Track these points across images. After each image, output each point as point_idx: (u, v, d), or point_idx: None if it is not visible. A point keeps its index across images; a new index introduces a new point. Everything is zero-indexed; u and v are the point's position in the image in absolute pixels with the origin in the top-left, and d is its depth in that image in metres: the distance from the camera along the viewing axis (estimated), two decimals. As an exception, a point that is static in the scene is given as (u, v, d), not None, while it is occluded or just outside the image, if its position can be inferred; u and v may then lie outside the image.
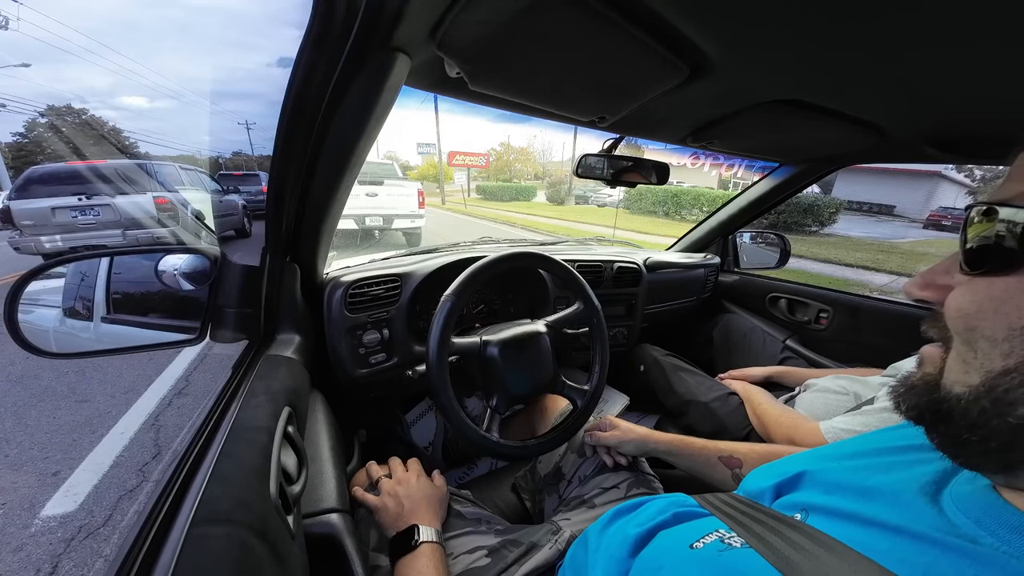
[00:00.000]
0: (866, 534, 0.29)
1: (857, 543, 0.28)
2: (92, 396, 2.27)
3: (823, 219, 12.73)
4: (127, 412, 2.11)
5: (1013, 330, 0.22)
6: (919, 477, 0.31)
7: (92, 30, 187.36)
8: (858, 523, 0.30)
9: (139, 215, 5.04)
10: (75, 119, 46.53)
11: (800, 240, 10.56)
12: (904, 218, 21.75)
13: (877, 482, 0.33)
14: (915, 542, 0.27)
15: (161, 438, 1.93)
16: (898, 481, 0.32)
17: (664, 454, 0.72)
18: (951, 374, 0.26)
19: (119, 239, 4.92)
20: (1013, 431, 0.22)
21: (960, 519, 0.26)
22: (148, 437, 1.93)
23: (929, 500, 0.29)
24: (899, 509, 0.29)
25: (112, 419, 2.05)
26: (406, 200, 6.51)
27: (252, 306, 0.69)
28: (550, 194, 26.14)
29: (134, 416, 2.08)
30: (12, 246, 4.78)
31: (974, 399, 0.24)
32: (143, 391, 2.31)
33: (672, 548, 0.38)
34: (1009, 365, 0.22)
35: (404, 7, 0.42)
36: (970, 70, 0.51)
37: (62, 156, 30.06)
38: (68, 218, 4.80)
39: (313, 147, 0.57)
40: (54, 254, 4.65)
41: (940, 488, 0.29)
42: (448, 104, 39.10)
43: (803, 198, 12.16)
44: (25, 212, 4.67)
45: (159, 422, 2.05)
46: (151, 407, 2.17)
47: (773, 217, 11.95)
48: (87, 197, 4.84)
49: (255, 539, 0.36)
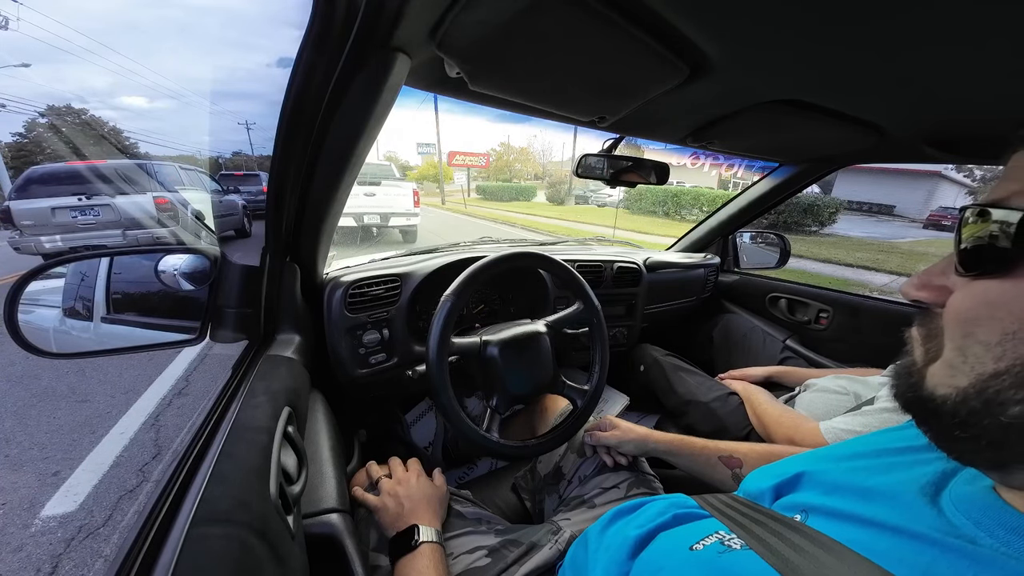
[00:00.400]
0: (866, 535, 0.29)
1: (857, 544, 0.28)
2: (92, 396, 2.27)
3: (823, 219, 12.69)
4: (127, 412, 2.11)
5: (1006, 334, 0.22)
6: (919, 478, 0.31)
7: (92, 30, 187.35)
8: (858, 524, 0.30)
9: (139, 215, 5.06)
10: (75, 119, 46.52)
11: (800, 240, 10.52)
12: (904, 218, 21.75)
13: (877, 483, 0.33)
14: (914, 542, 0.27)
15: (161, 438, 1.93)
16: (898, 482, 0.32)
17: (664, 454, 0.71)
18: (934, 378, 0.26)
19: (119, 239, 4.93)
20: (1004, 430, 0.22)
21: (959, 520, 0.26)
22: (148, 437, 1.93)
23: (929, 501, 0.29)
24: (899, 509, 0.29)
25: (112, 419, 2.05)
26: (402, 199, 6.85)
27: (252, 306, 0.69)
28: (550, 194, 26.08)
29: (134, 416, 2.08)
30: (12, 246, 4.80)
31: (962, 400, 0.24)
32: (143, 391, 2.31)
33: (672, 550, 0.38)
34: (1000, 368, 0.22)
35: (404, 7, 0.42)
36: (970, 70, 0.51)
37: (62, 156, 30.02)
38: (68, 218, 4.81)
39: (313, 147, 0.57)
40: (54, 254, 4.60)
41: (940, 489, 0.29)
42: (448, 104, 39.08)
43: (803, 198, 12.14)
44: (25, 212, 4.68)
45: (159, 422, 2.05)
46: (151, 407, 2.17)
47: (773, 217, 11.92)
48: (87, 197, 4.84)
49: (255, 539, 0.36)
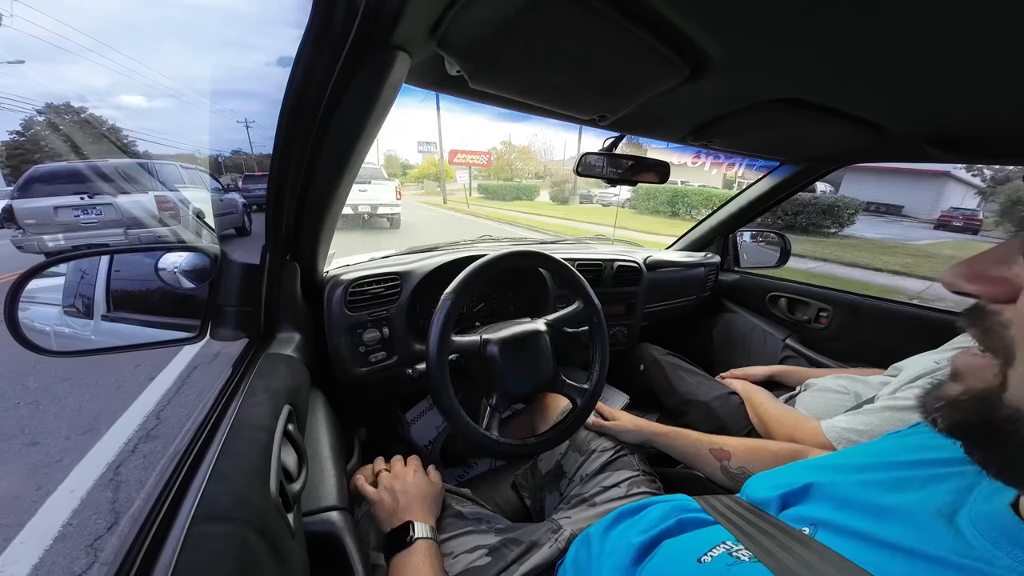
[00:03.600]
0: (879, 556, 0.28)
1: (870, 564, 0.28)
2: (44, 437, 1.90)
3: (843, 220, 12.01)
4: (81, 460, 1.72)
5: None
6: (934, 497, 0.30)
7: (92, 29, 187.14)
8: (871, 544, 0.30)
9: (141, 214, 5.10)
10: (73, 117, 46.49)
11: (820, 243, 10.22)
12: (912, 218, 21.59)
13: (891, 501, 0.32)
14: (931, 566, 0.26)
15: (120, 500, 1.51)
16: (913, 502, 0.31)
17: (661, 444, 0.77)
18: (1018, 390, 0.22)
19: (121, 238, 4.99)
20: None
21: (978, 540, 0.25)
22: (104, 498, 1.52)
23: (946, 522, 0.28)
24: (915, 531, 0.28)
25: (63, 469, 1.67)
26: (388, 194, 9.63)
27: (252, 304, 0.69)
28: (554, 193, 25.69)
29: (89, 467, 1.69)
30: (15, 244, 4.83)
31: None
32: (104, 431, 1.91)
33: (679, 561, 0.37)
34: None
35: (404, 5, 0.41)
36: (973, 68, 0.50)
37: (60, 154, 29.82)
38: (71, 217, 4.86)
39: (313, 145, 0.57)
40: (56, 252, 4.68)
41: (957, 508, 0.28)
42: (448, 102, 39.01)
43: (823, 199, 11.77)
44: (27, 211, 4.73)
45: (119, 476, 1.64)
46: (111, 455, 1.75)
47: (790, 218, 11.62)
48: (89, 196, 4.89)
49: (255, 537, 0.36)
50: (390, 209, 9.74)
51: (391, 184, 10.03)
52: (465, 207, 18.94)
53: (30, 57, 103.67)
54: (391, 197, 9.61)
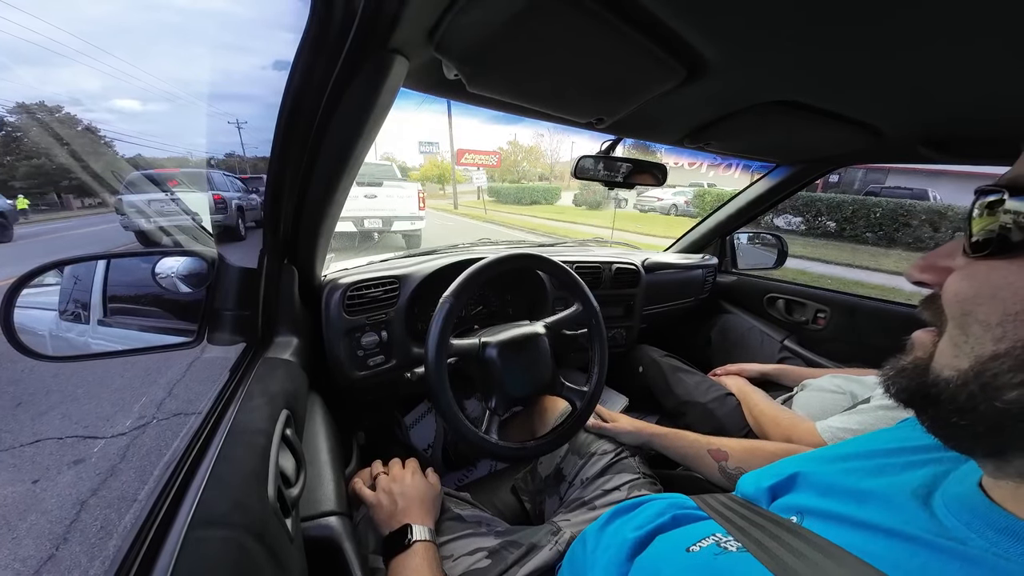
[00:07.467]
0: (861, 537, 0.29)
1: (853, 547, 0.29)
2: None
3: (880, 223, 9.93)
4: None
5: (1007, 315, 0.22)
6: (911, 480, 0.31)
7: (86, 33, 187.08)
8: (853, 526, 0.31)
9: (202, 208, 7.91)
10: (72, 124, 46.37)
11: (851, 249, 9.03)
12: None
13: (870, 485, 0.33)
14: (908, 545, 0.27)
15: None
16: (890, 484, 0.32)
17: (660, 445, 0.78)
18: (942, 358, 0.26)
19: (190, 223, 7.47)
20: (1000, 415, 0.22)
21: (951, 521, 0.27)
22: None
23: (921, 503, 0.29)
24: (892, 512, 0.30)
25: None
26: (406, 202, 6.38)
27: (250, 308, 0.69)
28: (579, 196, 22.54)
29: None
30: (122, 225, 7.43)
31: (962, 383, 0.24)
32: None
33: (669, 552, 0.38)
34: (999, 350, 0.22)
35: (402, 9, 0.42)
36: (968, 71, 0.51)
37: (38, 154, 30.07)
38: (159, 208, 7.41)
39: (311, 149, 0.57)
40: (141, 233, 7.28)
41: (931, 491, 0.30)
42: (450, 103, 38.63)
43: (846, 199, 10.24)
44: (129, 203, 7.35)
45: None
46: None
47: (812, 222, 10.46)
48: (171, 194, 7.70)
49: (253, 542, 0.35)
50: (410, 224, 6.48)
51: (410, 188, 6.65)
52: (483, 213, 16.83)
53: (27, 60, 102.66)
54: (411, 206, 6.40)
